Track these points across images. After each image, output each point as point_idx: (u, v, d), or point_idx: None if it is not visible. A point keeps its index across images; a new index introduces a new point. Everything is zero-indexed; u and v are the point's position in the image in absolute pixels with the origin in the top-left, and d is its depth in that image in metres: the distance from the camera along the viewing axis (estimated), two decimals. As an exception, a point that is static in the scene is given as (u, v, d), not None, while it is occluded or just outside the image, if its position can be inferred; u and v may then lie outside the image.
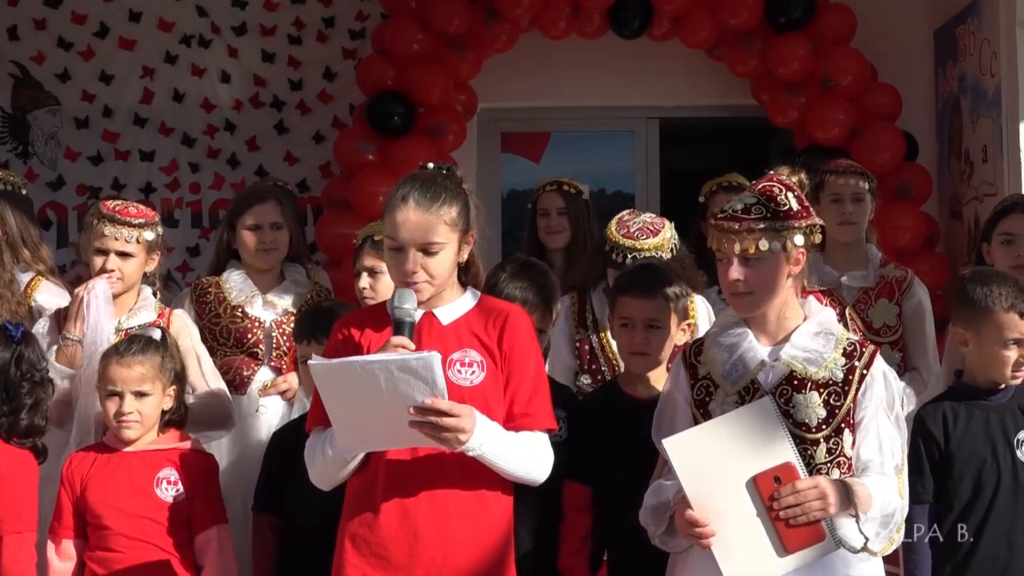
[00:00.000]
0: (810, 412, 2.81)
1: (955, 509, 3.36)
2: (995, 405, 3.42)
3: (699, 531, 2.69)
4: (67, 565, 3.41)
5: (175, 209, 6.67)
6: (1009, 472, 3.36)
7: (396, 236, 2.83)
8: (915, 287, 4.31)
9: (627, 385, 3.48)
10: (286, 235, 4.35)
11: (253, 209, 4.32)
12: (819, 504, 2.70)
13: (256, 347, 4.26)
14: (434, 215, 2.83)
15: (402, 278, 2.84)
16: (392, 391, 2.64)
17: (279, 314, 4.30)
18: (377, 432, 2.75)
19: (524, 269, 3.59)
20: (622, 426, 3.32)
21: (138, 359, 3.46)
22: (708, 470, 2.71)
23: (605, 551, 3.40)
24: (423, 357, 2.65)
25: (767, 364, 2.86)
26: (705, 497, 2.70)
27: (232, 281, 4.33)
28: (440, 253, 2.84)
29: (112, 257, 3.85)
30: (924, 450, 3.41)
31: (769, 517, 2.70)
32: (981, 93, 5.77)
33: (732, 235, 2.83)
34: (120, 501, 3.39)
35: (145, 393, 3.45)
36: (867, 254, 4.34)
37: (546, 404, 2.95)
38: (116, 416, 3.44)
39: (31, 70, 6.66)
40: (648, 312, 3.41)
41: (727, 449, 2.72)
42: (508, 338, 2.88)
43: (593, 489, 3.37)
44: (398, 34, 6.11)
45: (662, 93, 6.80)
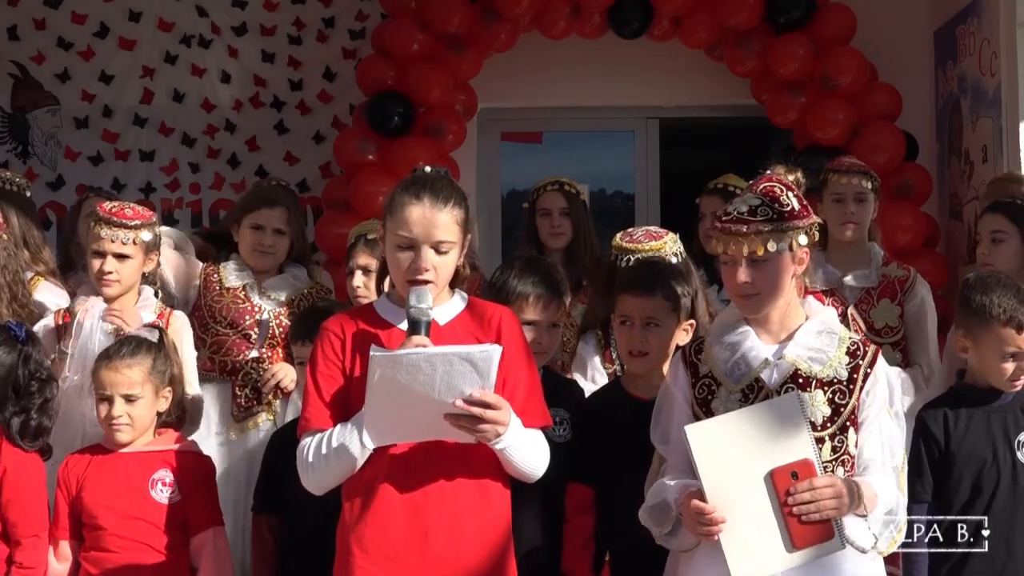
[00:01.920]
0: (815, 410, 2.81)
1: (954, 509, 3.36)
2: (996, 406, 3.42)
3: (709, 519, 2.69)
4: (63, 566, 3.40)
5: (175, 209, 6.68)
6: (1009, 473, 3.36)
7: (410, 233, 2.81)
8: (918, 286, 4.30)
9: (630, 385, 3.46)
10: (286, 242, 4.38)
11: (262, 211, 4.35)
12: (834, 503, 2.70)
13: (250, 330, 4.28)
14: (447, 214, 2.83)
15: (411, 276, 2.81)
16: (446, 383, 2.66)
17: (276, 304, 4.34)
18: (411, 424, 2.76)
19: (531, 265, 3.57)
20: (625, 426, 3.30)
21: (127, 363, 3.44)
22: (726, 460, 2.71)
23: (607, 552, 3.40)
24: (486, 350, 2.68)
25: (771, 362, 2.86)
26: (720, 487, 2.70)
27: (229, 269, 4.37)
28: (449, 252, 2.84)
29: (109, 259, 3.85)
30: (924, 450, 3.41)
31: (782, 512, 2.70)
32: (981, 93, 5.77)
33: (740, 237, 2.82)
34: (115, 502, 3.38)
35: (135, 397, 3.43)
36: (869, 253, 4.33)
37: (541, 401, 2.96)
38: (106, 420, 3.43)
39: (31, 70, 6.67)
40: (647, 310, 3.38)
41: (748, 441, 2.72)
42: (505, 340, 2.89)
43: (596, 490, 3.36)
44: (398, 34, 6.11)
45: (662, 93, 6.81)
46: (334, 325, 2.92)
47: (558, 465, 3.05)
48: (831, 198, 4.26)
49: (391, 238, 2.86)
